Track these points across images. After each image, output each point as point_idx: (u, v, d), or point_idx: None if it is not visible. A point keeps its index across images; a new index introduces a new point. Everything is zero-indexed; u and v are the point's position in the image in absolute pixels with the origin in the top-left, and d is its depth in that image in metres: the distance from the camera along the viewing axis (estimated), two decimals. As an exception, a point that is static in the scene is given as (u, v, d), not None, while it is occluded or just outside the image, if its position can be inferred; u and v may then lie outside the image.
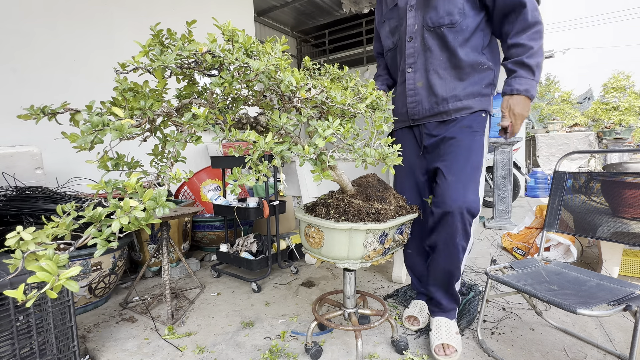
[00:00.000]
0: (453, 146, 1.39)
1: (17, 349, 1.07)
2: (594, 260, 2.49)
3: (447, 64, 1.38)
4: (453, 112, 1.40)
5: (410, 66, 1.46)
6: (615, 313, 1.05)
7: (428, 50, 1.41)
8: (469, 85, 1.39)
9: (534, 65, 1.26)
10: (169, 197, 1.04)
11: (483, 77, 1.39)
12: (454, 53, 1.36)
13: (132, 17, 3.03)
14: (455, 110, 1.40)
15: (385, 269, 2.45)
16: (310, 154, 0.90)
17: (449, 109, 1.40)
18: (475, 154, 1.38)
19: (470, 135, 1.39)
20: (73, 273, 0.55)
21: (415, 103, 1.47)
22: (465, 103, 1.39)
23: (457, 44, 1.35)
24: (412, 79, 1.46)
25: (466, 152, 1.37)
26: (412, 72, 1.46)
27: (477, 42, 1.37)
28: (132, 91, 0.82)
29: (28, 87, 2.38)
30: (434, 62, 1.40)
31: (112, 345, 1.56)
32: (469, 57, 1.36)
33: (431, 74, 1.41)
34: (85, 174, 2.45)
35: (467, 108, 1.39)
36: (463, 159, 1.37)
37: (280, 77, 0.88)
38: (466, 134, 1.39)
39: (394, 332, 1.45)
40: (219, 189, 3.11)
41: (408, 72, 1.47)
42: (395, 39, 1.56)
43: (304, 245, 1.31)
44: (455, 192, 1.33)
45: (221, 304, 1.95)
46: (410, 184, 1.59)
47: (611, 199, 1.49)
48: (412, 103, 1.47)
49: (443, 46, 1.38)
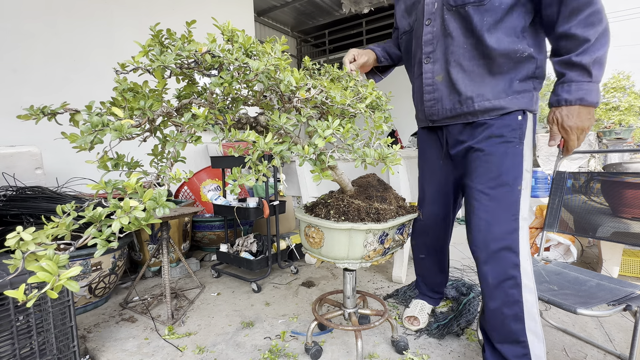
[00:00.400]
0: (480, 161, 1.15)
1: (17, 349, 1.07)
2: (594, 260, 2.49)
3: (473, 53, 1.11)
4: (480, 113, 1.14)
5: (428, 56, 1.20)
6: (615, 313, 1.05)
7: (449, 36, 1.14)
8: (501, 79, 1.11)
9: (589, 63, 0.95)
10: (169, 197, 1.04)
11: (521, 69, 1.10)
12: (480, 39, 1.08)
13: (132, 16, 3.03)
14: (482, 111, 1.13)
15: (385, 269, 2.45)
16: (310, 154, 0.90)
17: (474, 109, 1.14)
18: (508, 172, 1.10)
19: (502, 147, 1.11)
20: (73, 273, 0.55)
21: (433, 101, 1.23)
22: (496, 103, 1.11)
23: (485, 28, 1.07)
24: (430, 71, 1.21)
25: (496, 170, 1.11)
26: (430, 64, 1.20)
27: (514, 23, 1.06)
28: (131, 91, 0.82)
29: (28, 87, 2.38)
30: (456, 51, 1.13)
31: (112, 345, 1.56)
32: (502, 45, 1.07)
33: (453, 66, 1.15)
34: (85, 174, 2.45)
35: (497, 109, 1.12)
36: (493, 182, 1.11)
37: (280, 77, 0.88)
38: (497, 147, 1.12)
39: (394, 332, 1.45)
40: (219, 189, 3.11)
41: (425, 63, 1.21)
42: (412, 20, 1.29)
43: (304, 245, 1.31)
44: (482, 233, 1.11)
45: (221, 304, 1.95)
46: (433, 193, 1.39)
47: (611, 199, 1.49)
48: (431, 101, 1.24)
49: (467, 31, 1.10)
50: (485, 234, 1.11)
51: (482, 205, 1.12)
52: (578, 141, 1.03)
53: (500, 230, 1.09)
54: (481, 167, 1.14)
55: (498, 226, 1.09)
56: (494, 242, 1.09)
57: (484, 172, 1.13)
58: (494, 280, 1.10)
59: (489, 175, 1.12)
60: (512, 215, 1.09)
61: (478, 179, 1.14)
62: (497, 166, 1.11)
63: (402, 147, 2.90)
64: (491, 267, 1.10)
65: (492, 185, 1.11)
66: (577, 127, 1.01)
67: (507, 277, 1.08)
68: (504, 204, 1.10)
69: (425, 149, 1.42)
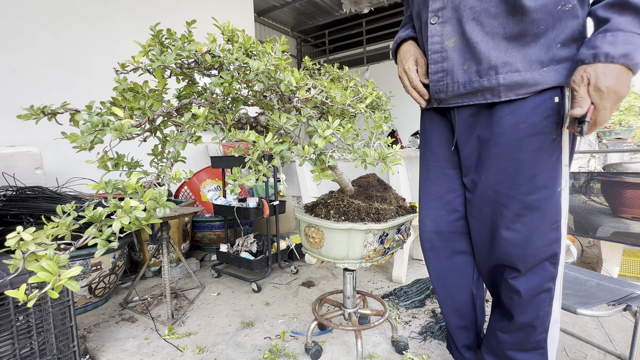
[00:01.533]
0: (507, 159, 0.89)
1: (17, 349, 1.07)
2: (594, 260, 2.49)
3: (499, 8, 0.83)
4: (504, 89, 0.86)
5: (435, 14, 0.93)
6: (615, 313, 1.05)
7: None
8: (535, 44, 0.83)
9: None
10: (169, 197, 1.04)
11: (563, 27, 0.81)
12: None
13: (132, 16, 3.03)
14: (507, 86, 0.85)
15: (385, 269, 2.45)
16: (310, 154, 0.90)
17: (497, 83, 0.86)
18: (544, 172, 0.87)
19: (536, 140, 0.86)
20: (74, 273, 0.55)
21: (441, 73, 0.95)
22: (527, 76, 0.84)
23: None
24: (438, 34, 0.93)
25: (529, 170, 0.87)
26: (438, 24, 0.93)
27: None
28: (132, 91, 0.83)
29: (28, 87, 2.38)
30: (475, 6, 0.86)
31: (112, 345, 1.56)
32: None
33: (470, 26, 0.87)
34: (85, 174, 2.45)
35: (529, 84, 0.84)
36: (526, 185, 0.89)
37: (280, 77, 0.88)
38: (528, 140, 0.86)
39: (394, 332, 1.45)
40: (219, 189, 3.11)
41: (432, 23, 0.93)
42: None
43: (304, 245, 1.31)
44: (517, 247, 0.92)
45: (221, 304, 1.95)
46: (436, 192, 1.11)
47: (611, 199, 1.50)
48: (438, 73, 0.95)
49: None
50: (523, 250, 0.92)
51: (515, 215, 0.91)
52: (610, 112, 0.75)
53: (539, 244, 0.91)
54: (511, 167, 0.90)
55: (537, 239, 0.90)
56: (532, 257, 0.92)
57: (514, 173, 0.89)
58: (528, 293, 0.94)
59: (521, 178, 0.89)
60: (552, 224, 0.89)
61: (506, 182, 0.91)
62: (530, 166, 0.87)
63: (402, 147, 2.91)
64: (525, 281, 0.94)
65: (525, 190, 0.89)
66: (616, 91, 0.72)
67: (543, 290, 0.94)
68: (542, 212, 0.89)
69: (429, 137, 1.11)
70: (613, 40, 0.71)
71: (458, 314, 1.17)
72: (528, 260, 0.93)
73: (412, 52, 1.05)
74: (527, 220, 0.90)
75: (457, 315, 1.17)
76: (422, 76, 1.03)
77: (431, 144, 1.11)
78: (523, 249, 0.92)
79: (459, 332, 1.19)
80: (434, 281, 1.18)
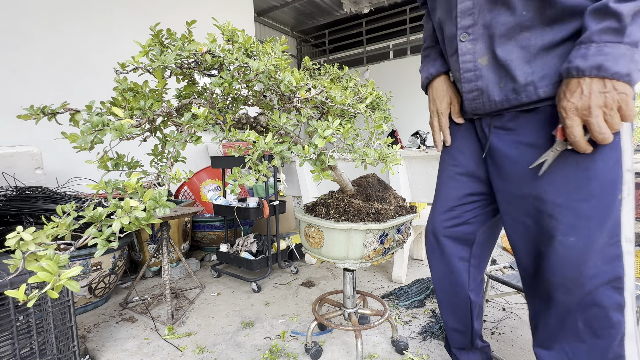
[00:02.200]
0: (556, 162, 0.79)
1: (17, 349, 1.07)
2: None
3: (534, 20, 0.77)
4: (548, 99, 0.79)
5: (465, 30, 0.87)
6: (615, 313, 1.04)
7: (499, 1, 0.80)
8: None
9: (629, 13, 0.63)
10: (169, 197, 1.04)
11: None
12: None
13: (132, 16, 3.03)
14: (550, 98, 0.79)
15: (385, 269, 2.45)
16: (310, 154, 0.90)
17: (538, 98, 0.80)
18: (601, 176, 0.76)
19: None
20: (74, 273, 0.55)
21: (476, 92, 0.89)
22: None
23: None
24: (470, 52, 0.87)
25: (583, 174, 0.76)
26: (469, 41, 0.87)
27: None
28: (132, 91, 0.83)
29: (28, 87, 2.38)
30: (508, 22, 0.80)
31: (112, 345, 1.56)
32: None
33: (502, 43, 0.82)
34: (85, 174, 2.45)
35: None
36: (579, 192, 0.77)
37: (280, 77, 0.88)
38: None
39: (394, 332, 1.45)
40: (219, 189, 3.11)
41: (462, 40, 0.88)
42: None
43: (304, 245, 1.31)
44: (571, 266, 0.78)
45: (221, 304, 1.95)
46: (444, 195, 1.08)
47: (611, 199, 1.49)
48: (472, 92, 0.90)
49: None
50: (579, 268, 0.78)
51: (567, 227, 0.78)
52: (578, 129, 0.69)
53: (597, 261, 0.77)
54: (560, 172, 0.79)
55: (594, 255, 0.77)
56: (589, 279, 0.78)
57: (564, 178, 0.78)
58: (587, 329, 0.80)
59: (572, 183, 0.77)
60: (612, 238, 0.77)
61: (555, 188, 0.80)
62: (584, 169, 0.76)
63: (402, 147, 2.91)
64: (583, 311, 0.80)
65: (579, 197, 0.77)
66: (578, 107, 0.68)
67: (608, 325, 0.78)
68: (599, 222, 0.76)
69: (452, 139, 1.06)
70: (584, 53, 0.68)
71: (455, 316, 1.15)
72: (585, 283, 0.78)
73: (447, 91, 1.02)
74: (580, 231, 0.77)
75: (454, 318, 1.15)
76: (455, 115, 1.02)
77: (451, 148, 1.07)
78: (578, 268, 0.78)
79: (455, 335, 1.17)
80: (434, 281, 1.17)
